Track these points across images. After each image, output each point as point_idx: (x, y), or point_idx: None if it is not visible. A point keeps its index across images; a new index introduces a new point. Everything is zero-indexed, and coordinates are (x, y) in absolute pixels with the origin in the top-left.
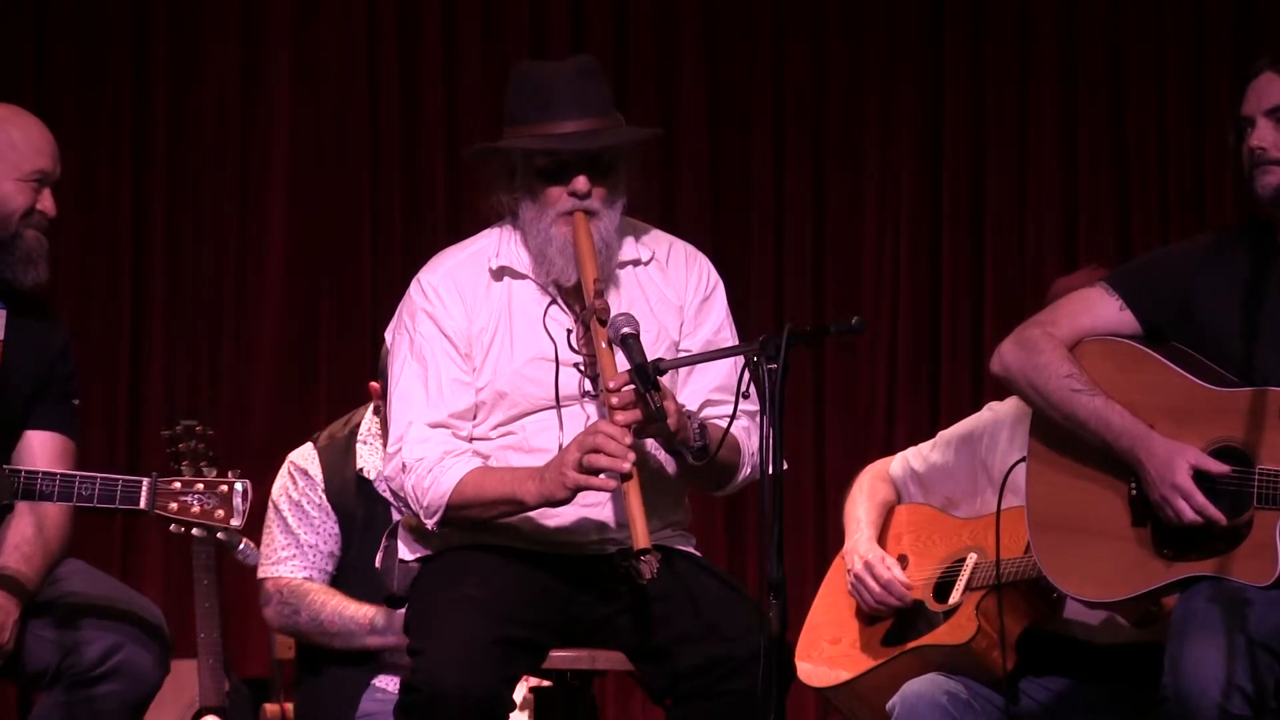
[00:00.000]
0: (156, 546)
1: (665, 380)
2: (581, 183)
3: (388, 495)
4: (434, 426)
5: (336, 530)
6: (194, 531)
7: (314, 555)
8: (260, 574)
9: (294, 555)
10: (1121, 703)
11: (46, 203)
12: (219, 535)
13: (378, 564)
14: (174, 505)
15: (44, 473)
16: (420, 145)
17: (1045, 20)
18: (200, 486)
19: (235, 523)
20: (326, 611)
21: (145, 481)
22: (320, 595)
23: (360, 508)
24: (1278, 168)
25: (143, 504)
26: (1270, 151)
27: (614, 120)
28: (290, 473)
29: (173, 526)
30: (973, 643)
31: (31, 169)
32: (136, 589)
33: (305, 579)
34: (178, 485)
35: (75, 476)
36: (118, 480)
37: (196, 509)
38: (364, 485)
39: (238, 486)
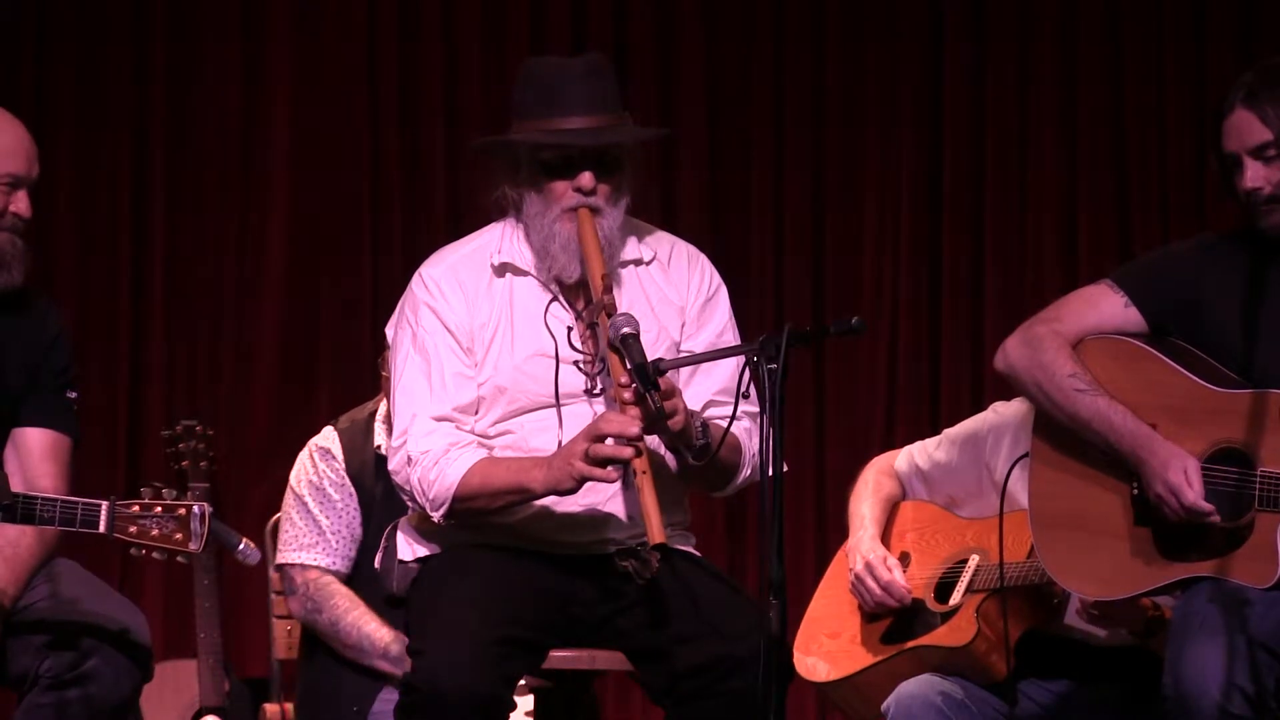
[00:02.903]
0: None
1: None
2: (587, 178)
3: None
4: (438, 420)
5: (358, 510)
6: (154, 555)
7: (336, 541)
8: (280, 559)
9: (316, 543)
10: (1121, 705)
11: (20, 205)
12: (179, 559)
13: (377, 564)
14: (133, 529)
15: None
16: (420, 145)
17: (1045, 20)
18: (159, 510)
19: (193, 546)
20: (345, 622)
21: (104, 505)
22: (344, 602)
23: (379, 487)
24: (1278, 205)
25: (101, 528)
26: (1265, 190)
27: (621, 119)
28: (311, 454)
29: (133, 550)
30: (972, 645)
31: (3, 171)
32: (137, 588)
33: (326, 568)
34: (136, 509)
35: (36, 499)
36: (77, 503)
37: (155, 532)
38: (383, 464)
39: (195, 510)
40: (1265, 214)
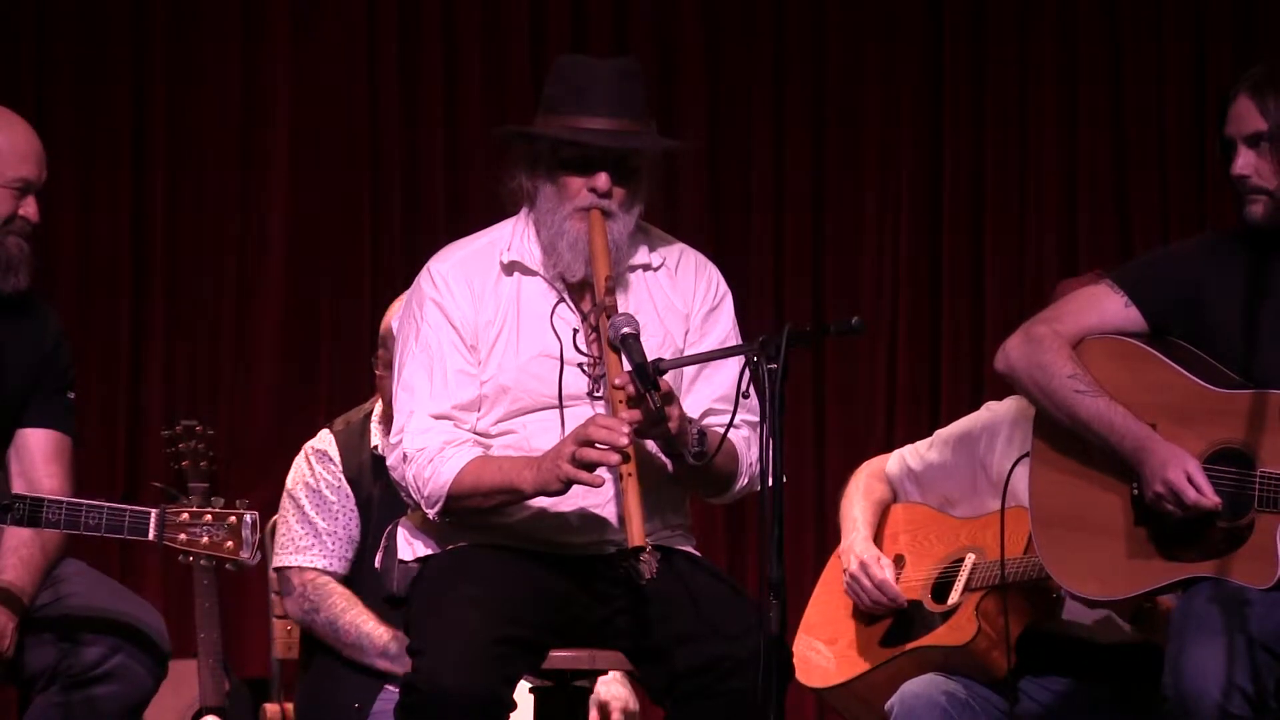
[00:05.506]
0: (156, 546)
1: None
2: (603, 180)
3: None
4: (436, 417)
5: (355, 513)
6: (201, 562)
7: (332, 543)
8: (278, 562)
9: (312, 545)
10: (1121, 702)
11: (29, 209)
12: (228, 567)
13: (377, 564)
14: (183, 536)
15: (50, 500)
16: (420, 145)
17: (1045, 20)
18: (209, 518)
19: (245, 555)
20: (344, 620)
21: (153, 512)
22: (341, 601)
23: (377, 488)
24: (1261, 196)
25: (151, 535)
26: (1252, 179)
27: (647, 126)
28: (308, 458)
29: (181, 557)
30: (973, 643)
31: (14, 176)
32: (136, 589)
33: (323, 570)
34: (186, 516)
35: (82, 505)
36: (125, 510)
37: (206, 540)
38: (380, 465)
39: (247, 518)
40: (1248, 203)
